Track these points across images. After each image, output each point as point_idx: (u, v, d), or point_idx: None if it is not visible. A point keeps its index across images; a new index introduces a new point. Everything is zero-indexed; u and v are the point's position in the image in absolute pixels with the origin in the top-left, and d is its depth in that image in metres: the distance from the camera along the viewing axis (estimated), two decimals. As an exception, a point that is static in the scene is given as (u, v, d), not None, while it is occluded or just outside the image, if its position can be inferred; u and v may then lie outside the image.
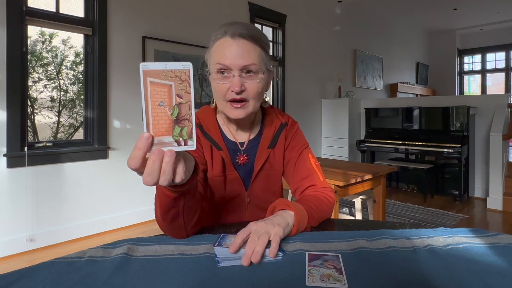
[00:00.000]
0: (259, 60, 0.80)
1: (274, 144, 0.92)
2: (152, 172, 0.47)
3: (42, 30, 2.68)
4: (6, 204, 2.33)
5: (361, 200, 2.66)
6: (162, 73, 0.47)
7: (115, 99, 2.87)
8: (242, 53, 0.77)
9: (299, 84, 4.77)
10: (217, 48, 0.80)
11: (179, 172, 0.50)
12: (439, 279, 0.55)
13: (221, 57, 0.78)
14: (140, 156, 0.47)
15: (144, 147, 0.46)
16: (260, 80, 0.81)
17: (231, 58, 0.77)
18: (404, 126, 4.31)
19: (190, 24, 3.42)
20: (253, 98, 0.81)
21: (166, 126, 0.47)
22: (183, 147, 0.48)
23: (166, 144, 0.48)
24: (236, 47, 0.77)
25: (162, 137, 0.47)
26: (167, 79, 0.47)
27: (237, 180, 0.90)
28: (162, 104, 0.47)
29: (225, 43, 0.78)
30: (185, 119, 0.48)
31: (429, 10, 6.47)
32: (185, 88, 0.48)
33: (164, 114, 0.47)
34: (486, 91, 8.45)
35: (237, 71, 0.77)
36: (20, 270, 0.58)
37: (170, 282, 0.54)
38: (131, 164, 0.47)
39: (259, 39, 0.80)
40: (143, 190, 3.03)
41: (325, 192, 0.88)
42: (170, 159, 0.47)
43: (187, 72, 0.47)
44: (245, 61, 0.77)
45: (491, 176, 3.62)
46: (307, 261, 0.60)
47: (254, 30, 0.80)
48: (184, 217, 0.67)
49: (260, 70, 0.80)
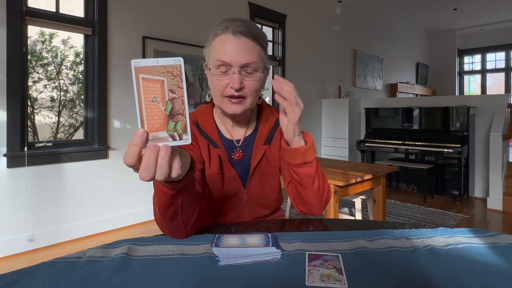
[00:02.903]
0: (259, 59, 0.81)
1: (270, 140, 0.92)
2: (148, 167, 0.47)
3: (42, 30, 2.68)
4: (6, 204, 2.33)
5: (361, 200, 2.66)
6: (154, 69, 0.47)
7: (115, 99, 2.87)
8: (243, 51, 0.78)
9: (299, 84, 4.77)
10: (217, 43, 0.80)
11: (175, 167, 0.50)
12: (439, 279, 0.55)
13: (222, 53, 0.78)
14: (135, 152, 0.47)
15: (139, 143, 0.47)
16: (259, 78, 0.82)
17: (232, 55, 0.77)
18: (404, 126, 4.31)
19: (190, 24, 3.42)
20: (251, 95, 0.82)
21: (160, 121, 0.48)
22: (178, 141, 0.49)
23: (161, 140, 0.48)
24: (237, 44, 0.78)
25: (156, 132, 0.48)
26: (159, 74, 0.47)
27: (234, 178, 0.90)
28: (156, 100, 0.47)
29: (226, 39, 0.78)
30: (179, 114, 0.48)
31: (429, 10, 6.47)
32: (178, 83, 0.48)
33: (157, 109, 0.47)
34: (486, 91, 8.45)
35: (237, 68, 0.78)
36: (20, 270, 0.58)
37: (170, 282, 0.54)
38: (127, 160, 0.47)
39: (259, 38, 0.81)
40: (143, 190, 3.03)
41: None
42: (165, 153, 0.47)
43: (178, 67, 0.48)
44: (245, 59, 0.78)
45: (491, 176, 3.62)
46: (307, 261, 0.60)
47: (255, 28, 0.81)
48: (183, 215, 0.67)
49: (259, 68, 0.81)
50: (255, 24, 0.84)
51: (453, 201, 3.87)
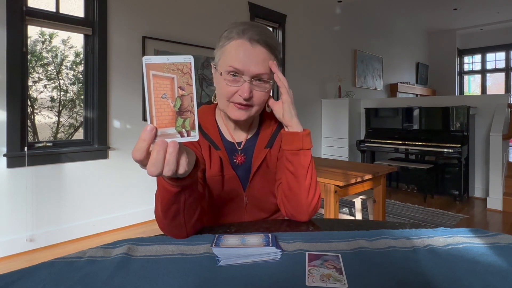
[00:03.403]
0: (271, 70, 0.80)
1: (271, 144, 0.91)
2: (156, 162, 0.48)
3: (42, 30, 2.68)
4: (6, 204, 2.33)
5: (361, 200, 2.66)
6: (164, 66, 0.48)
7: (115, 99, 2.87)
8: (258, 61, 0.77)
9: (299, 84, 4.77)
10: (232, 48, 0.78)
11: (182, 163, 0.51)
12: (439, 279, 0.55)
13: (236, 59, 0.76)
14: (144, 148, 0.48)
15: (148, 138, 0.47)
16: (268, 89, 0.81)
17: (246, 64, 0.76)
18: (404, 126, 4.31)
19: (190, 24, 3.42)
20: (258, 105, 0.81)
21: (169, 118, 0.48)
22: (186, 138, 0.49)
23: (169, 136, 0.49)
24: (252, 53, 0.76)
25: (165, 128, 0.48)
26: (169, 72, 0.48)
27: (235, 180, 0.90)
28: (165, 97, 0.48)
29: (242, 45, 0.77)
30: (187, 111, 0.49)
31: (429, 10, 6.47)
32: (187, 81, 0.49)
33: (167, 106, 0.48)
34: (486, 91, 8.45)
35: (249, 77, 0.77)
36: (20, 270, 0.58)
37: (170, 282, 0.54)
38: (136, 155, 0.48)
39: (275, 48, 0.80)
40: (143, 190, 3.03)
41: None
42: (173, 149, 0.48)
43: (188, 65, 0.48)
44: (258, 69, 0.77)
45: (491, 176, 3.62)
46: (307, 261, 0.60)
47: (271, 38, 0.80)
48: (185, 215, 0.67)
49: (270, 79, 0.80)
50: (271, 33, 0.82)
51: (453, 201, 3.87)
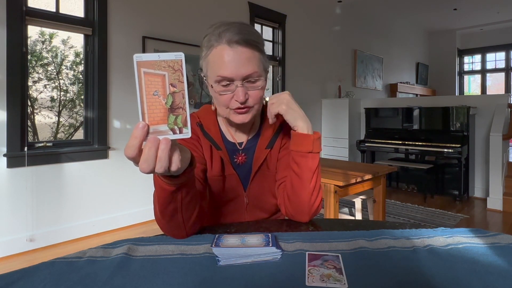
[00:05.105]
0: (259, 66, 0.78)
1: (272, 145, 0.91)
2: (148, 159, 0.48)
3: (42, 30, 2.68)
4: (6, 204, 2.33)
5: (361, 200, 2.66)
6: (156, 63, 0.48)
7: (115, 99, 2.87)
8: (243, 62, 0.75)
9: (299, 84, 4.77)
10: (214, 57, 0.76)
11: (175, 160, 0.51)
12: (439, 279, 0.55)
13: (221, 68, 0.75)
14: (136, 145, 0.48)
15: (140, 135, 0.47)
16: (262, 86, 0.81)
17: (232, 69, 0.74)
18: (404, 126, 4.31)
19: (190, 24, 3.42)
20: (257, 103, 0.81)
21: (161, 115, 0.48)
22: (178, 135, 0.49)
23: (161, 133, 0.49)
24: (235, 56, 0.74)
25: (157, 126, 0.48)
26: (160, 69, 0.48)
27: (235, 180, 0.90)
28: (157, 94, 0.48)
29: (222, 52, 0.75)
30: (179, 108, 0.49)
31: (429, 10, 6.47)
32: (178, 78, 0.49)
33: (158, 103, 0.48)
34: (486, 91, 8.45)
35: (240, 81, 0.76)
36: (20, 270, 0.58)
37: (170, 282, 0.54)
38: (128, 152, 0.48)
39: (256, 43, 0.77)
40: (143, 190, 3.03)
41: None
42: (165, 146, 0.48)
43: (179, 62, 0.48)
44: (246, 70, 0.75)
45: (491, 176, 3.62)
46: (307, 261, 0.60)
47: (249, 34, 0.76)
48: (183, 213, 0.67)
49: (261, 76, 0.79)
50: (248, 27, 0.79)
51: (453, 201, 3.87)
